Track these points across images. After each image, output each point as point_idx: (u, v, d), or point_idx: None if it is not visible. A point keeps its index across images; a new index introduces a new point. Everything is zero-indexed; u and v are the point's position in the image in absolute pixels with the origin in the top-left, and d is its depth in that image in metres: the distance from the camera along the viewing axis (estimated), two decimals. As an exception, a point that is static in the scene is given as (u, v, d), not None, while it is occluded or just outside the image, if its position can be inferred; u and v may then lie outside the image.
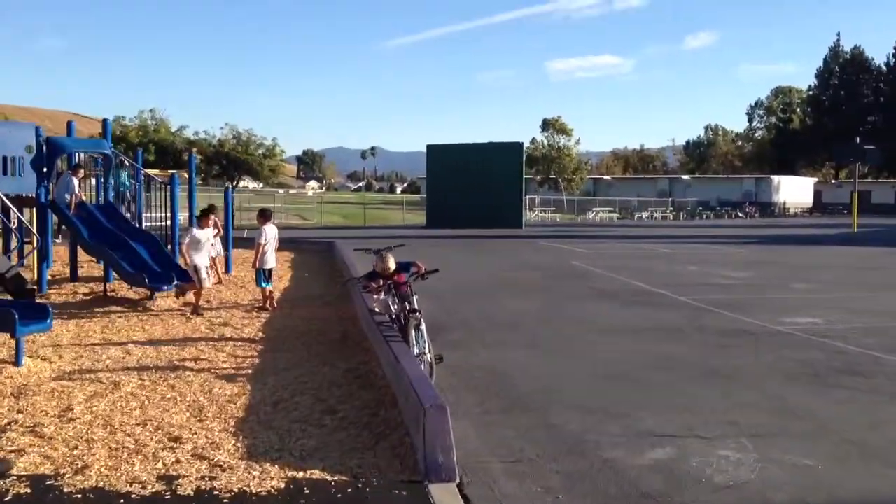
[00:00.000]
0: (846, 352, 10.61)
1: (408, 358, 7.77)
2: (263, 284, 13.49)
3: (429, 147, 47.12)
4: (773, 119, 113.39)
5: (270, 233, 13.55)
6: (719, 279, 19.22)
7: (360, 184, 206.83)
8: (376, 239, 20.42)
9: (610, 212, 67.84)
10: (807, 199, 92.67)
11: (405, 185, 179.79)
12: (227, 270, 18.32)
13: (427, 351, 8.67)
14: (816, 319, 13.20)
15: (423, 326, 8.81)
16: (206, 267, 13.48)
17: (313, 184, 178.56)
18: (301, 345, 10.45)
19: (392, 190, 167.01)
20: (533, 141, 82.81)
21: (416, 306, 9.15)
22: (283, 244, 24.43)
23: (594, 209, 68.20)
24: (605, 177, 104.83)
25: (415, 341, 8.67)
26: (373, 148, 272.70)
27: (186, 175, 19.57)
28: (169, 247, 16.88)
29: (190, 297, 14.04)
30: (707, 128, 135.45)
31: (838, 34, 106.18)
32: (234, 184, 48.25)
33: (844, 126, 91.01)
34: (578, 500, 5.46)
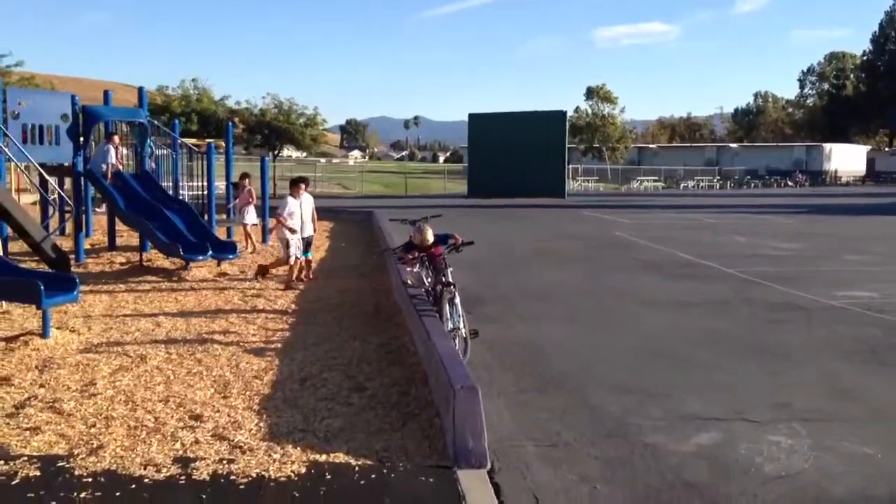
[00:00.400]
0: (904, 328, 10.07)
1: (440, 334, 7.44)
2: (300, 255, 13.05)
3: (471, 116, 46.49)
4: (826, 85, 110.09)
5: (301, 202, 13.03)
6: (768, 250, 18.57)
7: (403, 153, 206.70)
8: (416, 209, 20.09)
9: (655, 181, 66.61)
10: (859, 167, 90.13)
11: (448, 154, 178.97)
12: (264, 240, 18.14)
13: (462, 326, 8.35)
14: (872, 293, 12.60)
15: (457, 300, 8.49)
16: (298, 239, 12.69)
17: (356, 153, 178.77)
18: (332, 318, 10.18)
19: (435, 159, 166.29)
20: (577, 109, 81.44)
21: (450, 279, 8.80)
22: (323, 213, 24.16)
23: (639, 178, 67.02)
24: (651, 145, 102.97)
25: (449, 316, 8.35)
26: (416, 117, 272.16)
27: (224, 144, 19.37)
28: (206, 217, 16.76)
29: (225, 267, 13.90)
30: (756, 95, 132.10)
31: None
32: (276, 153, 48.17)
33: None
34: (617, 490, 5.10)
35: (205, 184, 17.11)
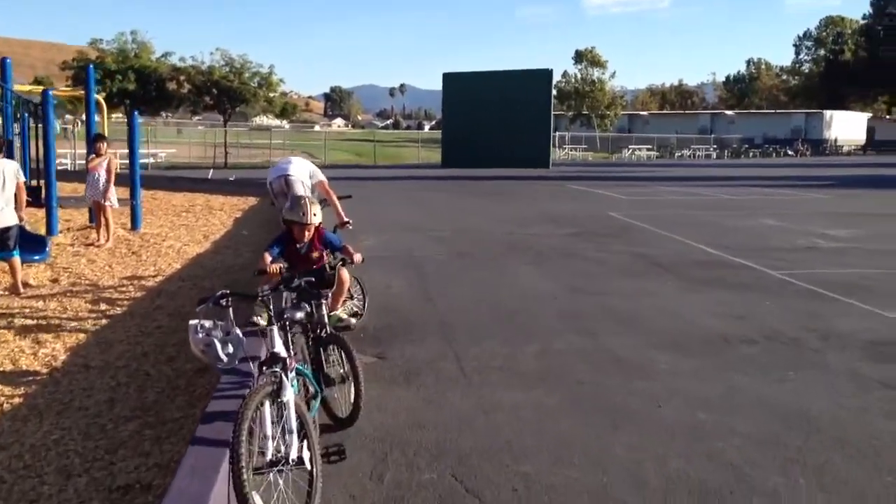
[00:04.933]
0: None
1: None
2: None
3: (445, 76, 41.66)
4: (823, 51, 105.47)
5: None
6: (816, 239, 14.00)
7: (388, 122, 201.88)
8: (370, 181, 15.63)
9: (647, 150, 61.98)
10: (860, 136, 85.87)
11: (433, 123, 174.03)
12: (135, 226, 13.39)
13: (293, 450, 3.75)
14: None
15: (288, 396, 3.85)
16: None
17: (339, 121, 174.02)
18: (104, 394, 5.49)
19: (420, 128, 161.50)
20: (565, 74, 76.74)
21: (280, 349, 4.11)
22: (254, 188, 19.82)
23: (630, 147, 62.37)
24: (642, 112, 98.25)
25: (270, 433, 3.71)
26: (402, 85, 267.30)
27: (84, 93, 14.52)
28: (44, 194, 12.09)
29: (23, 274, 9.20)
30: (749, 62, 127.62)
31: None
32: (228, 116, 43.18)
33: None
34: None
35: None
